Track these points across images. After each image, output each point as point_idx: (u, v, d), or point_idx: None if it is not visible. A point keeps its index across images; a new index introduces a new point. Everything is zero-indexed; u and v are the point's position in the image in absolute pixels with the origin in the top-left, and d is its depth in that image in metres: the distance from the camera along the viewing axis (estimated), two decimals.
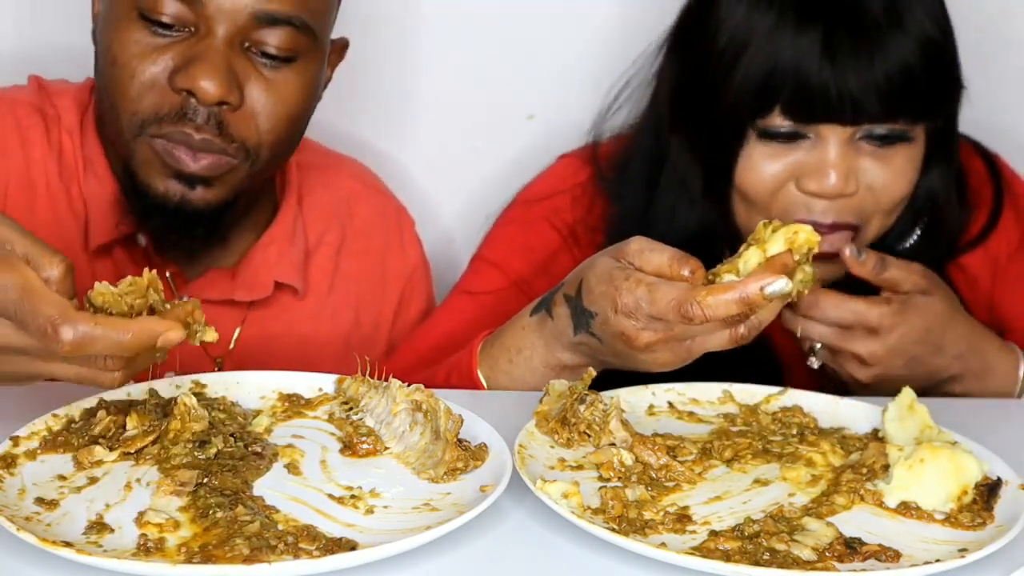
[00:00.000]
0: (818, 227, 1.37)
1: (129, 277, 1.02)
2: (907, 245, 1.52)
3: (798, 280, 1.14)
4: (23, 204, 1.42)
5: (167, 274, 1.45)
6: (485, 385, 1.31)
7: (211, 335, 1.04)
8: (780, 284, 1.11)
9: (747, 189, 1.44)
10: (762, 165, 1.43)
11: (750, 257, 1.15)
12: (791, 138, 1.41)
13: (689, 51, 1.48)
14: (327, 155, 1.64)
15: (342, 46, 1.48)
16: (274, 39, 1.31)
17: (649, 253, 1.18)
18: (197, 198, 1.34)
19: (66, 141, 1.44)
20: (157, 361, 1.02)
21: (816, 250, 1.15)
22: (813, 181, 1.41)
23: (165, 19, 1.29)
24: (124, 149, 1.36)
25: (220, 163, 1.33)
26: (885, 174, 1.42)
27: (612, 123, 1.62)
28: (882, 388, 1.34)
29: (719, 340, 1.17)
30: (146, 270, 1.03)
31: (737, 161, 1.44)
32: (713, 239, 1.47)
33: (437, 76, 1.88)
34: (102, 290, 1.00)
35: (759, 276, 1.12)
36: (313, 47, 1.35)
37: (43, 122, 1.45)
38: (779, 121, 1.40)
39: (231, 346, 1.48)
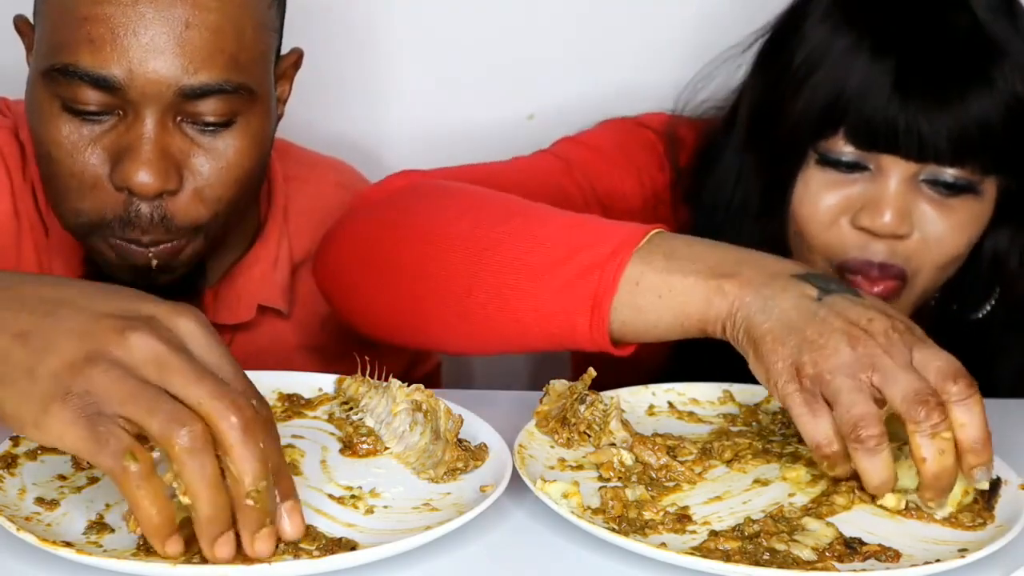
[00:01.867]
0: (868, 268, 1.36)
1: None
2: (981, 315, 1.47)
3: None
4: (13, 232, 1.38)
5: None
6: (635, 252, 1.11)
7: None
8: (983, 477, 1.03)
9: (801, 218, 1.39)
10: (819, 193, 1.37)
11: None
12: (851, 168, 1.35)
13: (769, 68, 1.44)
14: (311, 162, 1.58)
15: (296, 58, 1.39)
16: (208, 108, 1.23)
17: None
18: (162, 280, 1.29)
19: (34, 171, 1.38)
20: None
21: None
22: (867, 216, 1.34)
23: (91, 108, 1.22)
24: (77, 239, 1.30)
25: (174, 250, 1.27)
26: (943, 225, 1.35)
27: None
28: None
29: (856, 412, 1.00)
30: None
31: (795, 187, 1.39)
32: None
33: (437, 76, 1.88)
34: None
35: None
36: (253, 101, 1.27)
37: (19, 148, 1.40)
38: (841, 146, 1.35)
39: None
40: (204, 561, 0.90)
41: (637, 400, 1.24)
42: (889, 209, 1.33)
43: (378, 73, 1.87)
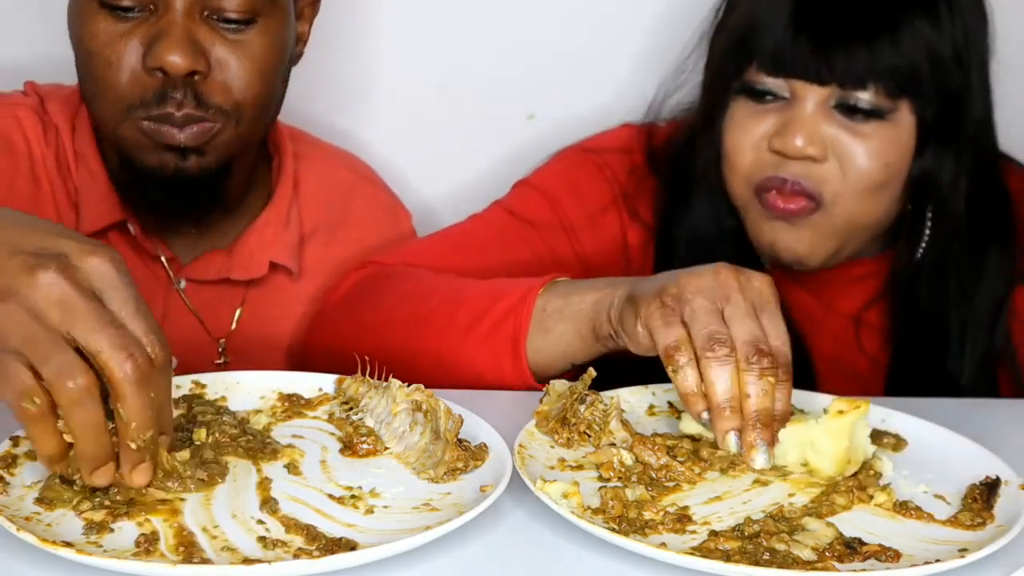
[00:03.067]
0: (781, 184, 1.43)
1: None
2: (919, 253, 1.52)
3: None
4: (29, 196, 1.47)
5: (162, 259, 1.50)
6: (540, 294, 1.28)
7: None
8: (760, 461, 1.10)
9: (728, 147, 1.47)
10: (741, 123, 1.45)
11: None
12: (766, 97, 1.43)
13: (710, 33, 1.53)
14: (323, 147, 1.68)
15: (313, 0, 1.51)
16: (231, 4, 1.36)
17: None
18: (191, 166, 1.39)
19: (60, 140, 1.49)
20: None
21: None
22: (779, 139, 1.42)
23: (124, 3, 1.35)
24: (112, 134, 1.41)
25: (205, 130, 1.37)
26: (857, 150, 1.41)
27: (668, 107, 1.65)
28: None
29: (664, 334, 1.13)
30: None
31: (724, 125, 1.47)
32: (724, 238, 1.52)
33: (437, 76, 1.88)
34: None
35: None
36: (272, 5, 1.39)
37: (40, 123, 1.50)
38: (755, 76, 1.43)
39: (233, 326, 1.52)
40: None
41: (637, 400, 1.24)
42: (799, 131, 1.41)
43: (379, 73, 1.87)
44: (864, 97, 1.40)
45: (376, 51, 1.86)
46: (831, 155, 1.42)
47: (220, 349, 1.51)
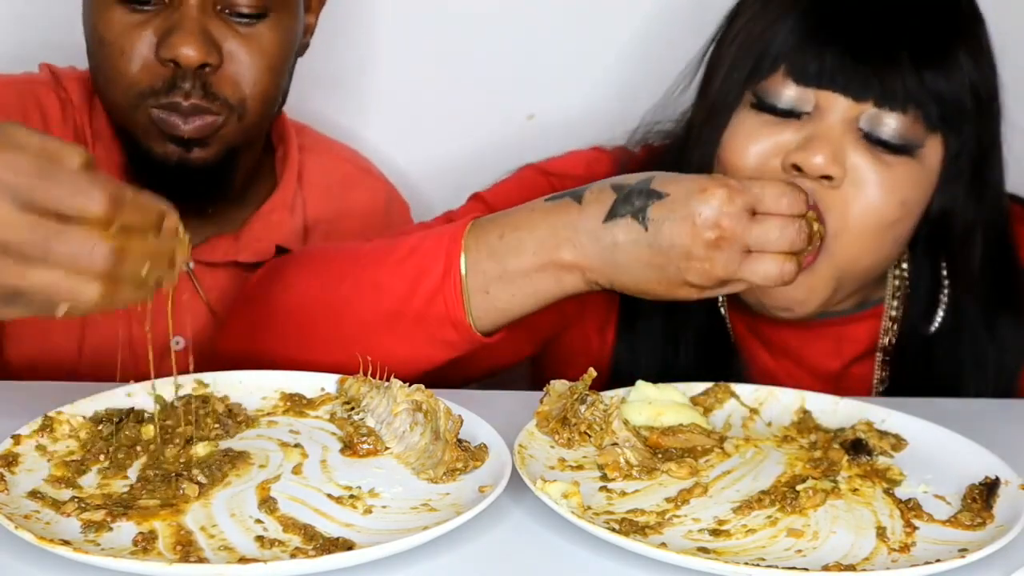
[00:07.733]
0: None
1: None
2: (937, 319, 1.42)
3: None
4: None
5: None
6: (463, 265, 1.21)
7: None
8: None
9: (728, 161, 1.32)
10: (750, 136, 1.31)
11: None
12: (787, 114, 1.29)
13: (714, 50, 1.41)
14: (325, 141, 1.73)
15: None
16: None
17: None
18: (195, 157, 1.42)
19: (77, 117, 1.53)
20: (143, 285, 0.99)
21: None
22: (800, 153, 1.27)
23: None
24: (123, 119, 1.44)
25: (208, 123, 1.41)
26: (876, 178, 1.28)
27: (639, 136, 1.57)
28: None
29: (768, 268, 1.16)
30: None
31: (727, 129, 1.33)
32: None
33: (437, 76, 1.88)
34: None
35: None
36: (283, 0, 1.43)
37: (59, 101, 1.54)
38: (779, 87, 1.29)
39: None
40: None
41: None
42: (824, 148, 1.26)
43: (378, 73, 1.87)
44: (896, 125, 1.27)
45: (375, 50, 1.86)
46: (847, 180, 1.27)
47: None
